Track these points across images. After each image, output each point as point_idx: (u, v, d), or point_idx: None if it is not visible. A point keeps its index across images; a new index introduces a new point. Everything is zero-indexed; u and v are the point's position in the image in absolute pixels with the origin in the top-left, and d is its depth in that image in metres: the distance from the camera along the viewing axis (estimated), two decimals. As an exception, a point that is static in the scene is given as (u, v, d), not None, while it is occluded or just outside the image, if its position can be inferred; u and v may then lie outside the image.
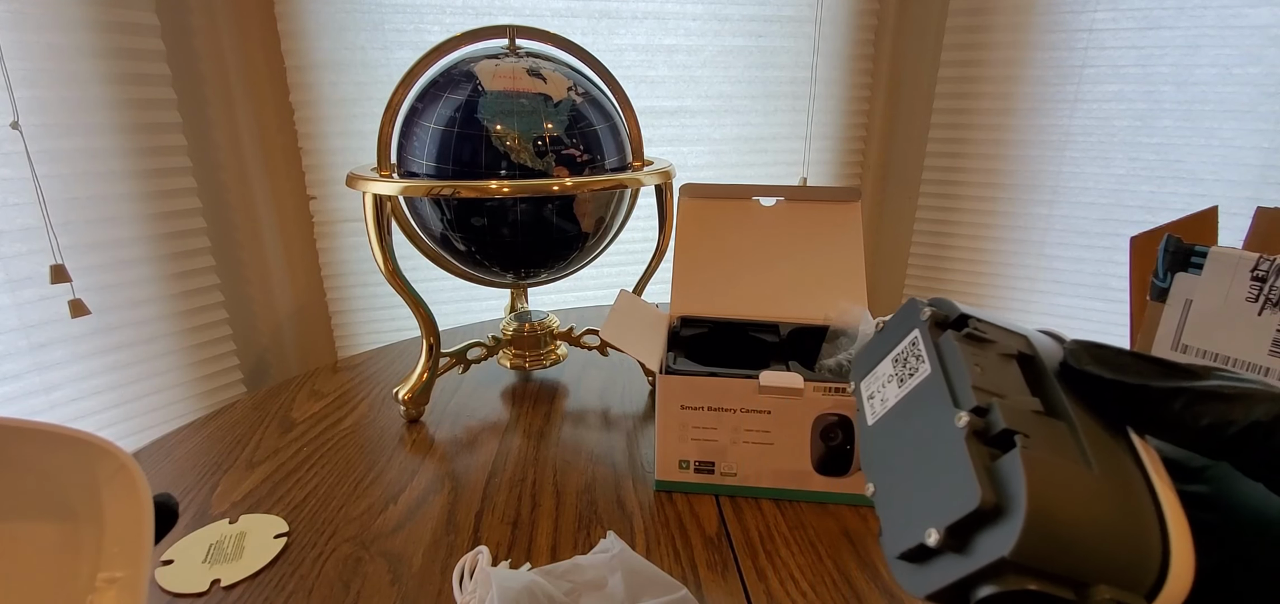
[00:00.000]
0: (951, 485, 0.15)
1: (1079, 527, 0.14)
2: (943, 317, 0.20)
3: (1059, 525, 0.14)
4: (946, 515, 0.15)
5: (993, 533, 0.14)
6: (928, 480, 0.17)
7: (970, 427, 0.16)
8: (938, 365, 0.18)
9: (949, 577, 0.15)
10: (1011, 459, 0.15)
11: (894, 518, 0.18)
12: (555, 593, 0.37)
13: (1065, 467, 0.15)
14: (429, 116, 0.54)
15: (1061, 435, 0.16)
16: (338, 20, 1.00)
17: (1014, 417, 0.16)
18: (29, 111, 0.76)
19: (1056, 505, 0.14)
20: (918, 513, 0.16)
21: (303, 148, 1.05)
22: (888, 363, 0.21)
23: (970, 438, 0.16)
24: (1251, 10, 1.01)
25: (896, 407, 0.20)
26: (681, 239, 0.59)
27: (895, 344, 0.21)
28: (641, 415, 0.62)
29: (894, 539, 0.17)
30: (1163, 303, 0.37)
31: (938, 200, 1.33)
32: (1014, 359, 0.18)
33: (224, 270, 1.03)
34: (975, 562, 0.14)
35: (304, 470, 0.53)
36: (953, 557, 0.15)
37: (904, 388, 0.20)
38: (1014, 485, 0.14)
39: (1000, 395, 0.17)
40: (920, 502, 0.17)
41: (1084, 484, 0.15)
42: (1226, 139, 1.07)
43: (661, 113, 1.18)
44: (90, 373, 0.88)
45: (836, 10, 1.22)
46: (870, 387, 0.22)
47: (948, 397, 0.17)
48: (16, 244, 0.80)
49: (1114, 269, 1.19)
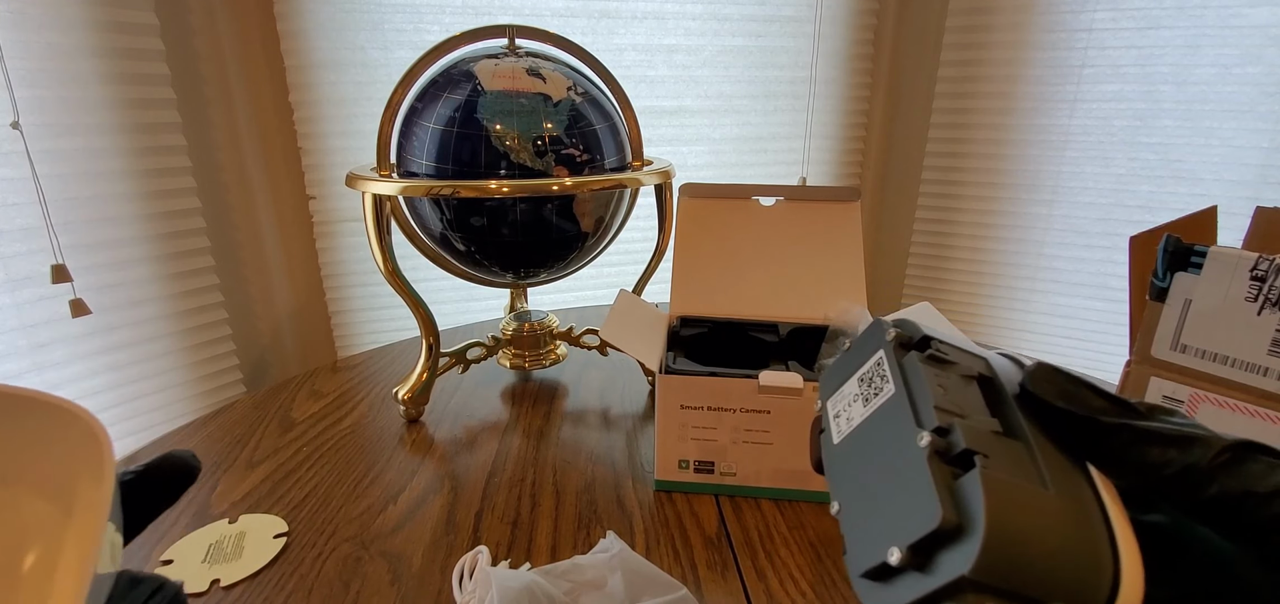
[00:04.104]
0: (913, 504, 0.16)
1: (1036, 546, 0.14)
2: (907, 337, 0.20)
3: (1016, 545, 0.14)
4: (908, 534, 0.15)
5: (953, 552, 0.15)
6: (891, 499, 0.17)
7: (932, 446, 0.16)
8: (902, 385, 0.18)
9: (911, 595, 0.15)
10: (971, 479, 0.15)
11: (858, 537, 0.18)
12: (555, 593, 0.37)
13: (1023, 487, 0.15)
14: (428, 116, 0.54)
15: (1019, 456, 0.16)
16: (338, 20, 1.00)
17: (974, 437, 0.16)
18: (29, 111, 0.76)
19: (1014, 525, 0.14)
20: (880, 532, 0.17)
21: (302, 148, 1.05)
22: (853, 382, 0.21)
23: (932, 457, 0.16)
24: (1251, 10, 1.01)
25: (861, 426, 0.20)
26: (681, 239, 0.59)
27: (861, 364, 0.21)
28: (641, 415, 0.62)
29: (858, 557, 0.17)
30: (1162, 302, 0.37)
31: (937, 200, 1.33)
32: (974, 381, 0.19)
33: (224, 270, 1.03)
34: (936, 580, 0.15)
35: (304, 470, 0.53)
36: (914, 575, 0.16)
37: (869, 407, 0.20)
38: (974, 505, 0.14)
39: (961, 416, 0.17)
40: (883, 520, 0.17)
41: (1040, 504, 0.15)
42: (1226, 139, 1.07)
43: (661, 113, 1.18)
44: (90, 373, 0.88)
45: (836, 10, 1.22)
46: (836, 405, 0.22)
47: (911, 416, 0.17)
48: (16, 244, 0.80)
49: (1114, 269, 1.19)
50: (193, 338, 0.97)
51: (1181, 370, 0.37)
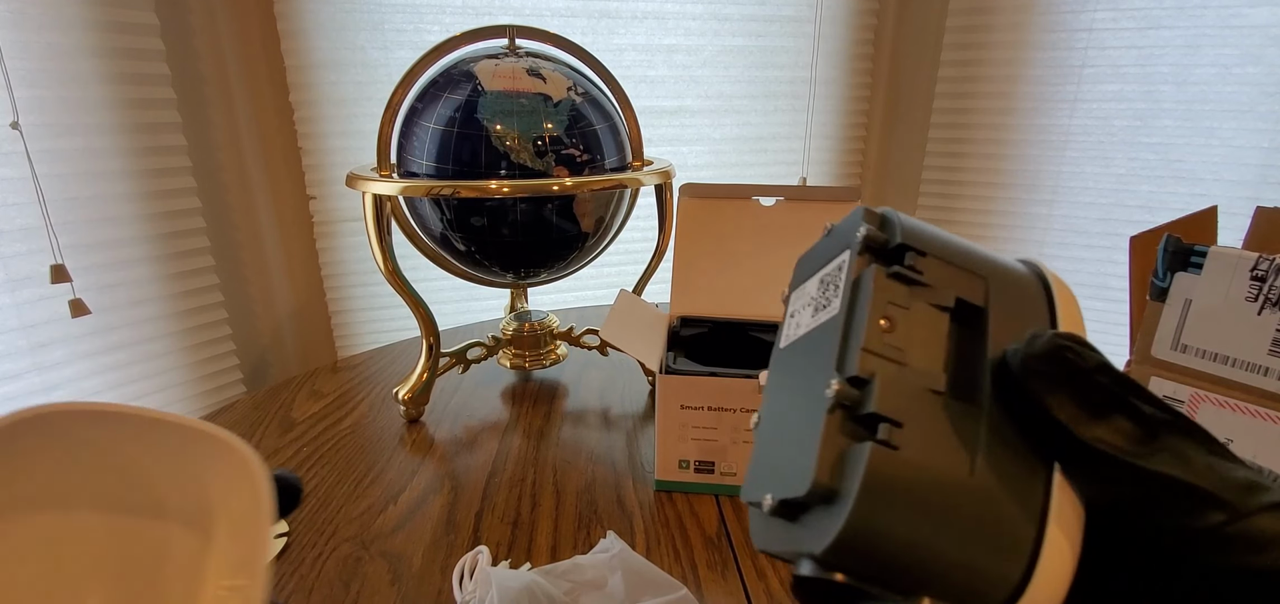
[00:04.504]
0: (798, 458, 0.14)
1: (913, 543, 0.13)
2: (879, 241, 0.16)
3: (886, 538, 0.13)
4: (782, 488, 0.15)
5: (821, 517, 0.13)
6: (788, 440, 0.16)
7: (838, 397, 0.14)
8: (845, 306, 0.16)
9: (780, 544, 0.15)
10: (859, 452, 0.13)
11: (755, 464, 0.17)
12: (555, 593, 0.37)
13: (921, 473, 0.13)
14: (429, 116, 0.54)
15: (955, 425, 0.13)
16: (338, 20, 1.00)
17: (897, 395, 0.13)
18: (28, 111, 0.76)
19: (890, 516, 0.13)
20: (769, 470, 0.16)
21: (303, 148, 1.05)
22: (815, 282, 0.18)
23: (834, 411, 0.14)
24: (1251, 10, 1.01)
25: (803, 339, 0.17)
26: (681, 239, 0.59)
27: (828, 260, 0.18)
28: (641, 415, 0.62)
29: (749, 486, 0.17)
30: (1162, 302, 0.37)
31: (938, 200, 1.33)
32: (948, 313, 0.15)
33: (224, 270, 1.03)
34: (798, 540, 0.14)
35: (304, 470, 0.53)
36: (785, 523, 0.15)
37: (815, 319, 0.17)
38: (851, 481, 0.13)
39: (898, 362, 0.14)
40: (776, 458, 0.16)
41: (938, 495, 0.13)
42: (1226, 139, 1.07)
43: (661, 113, 1.18)
44: (90, 373, 0.88)
45: (836, 10, 1.22)
46: (795, 302, 0.19)
47: (830, 356, 0.15)
48: (16, 244, 0.80)
49: (1114, 269, 1.19)
50: (193, 338, 0.97)
51: (1182, 370, 0.37)
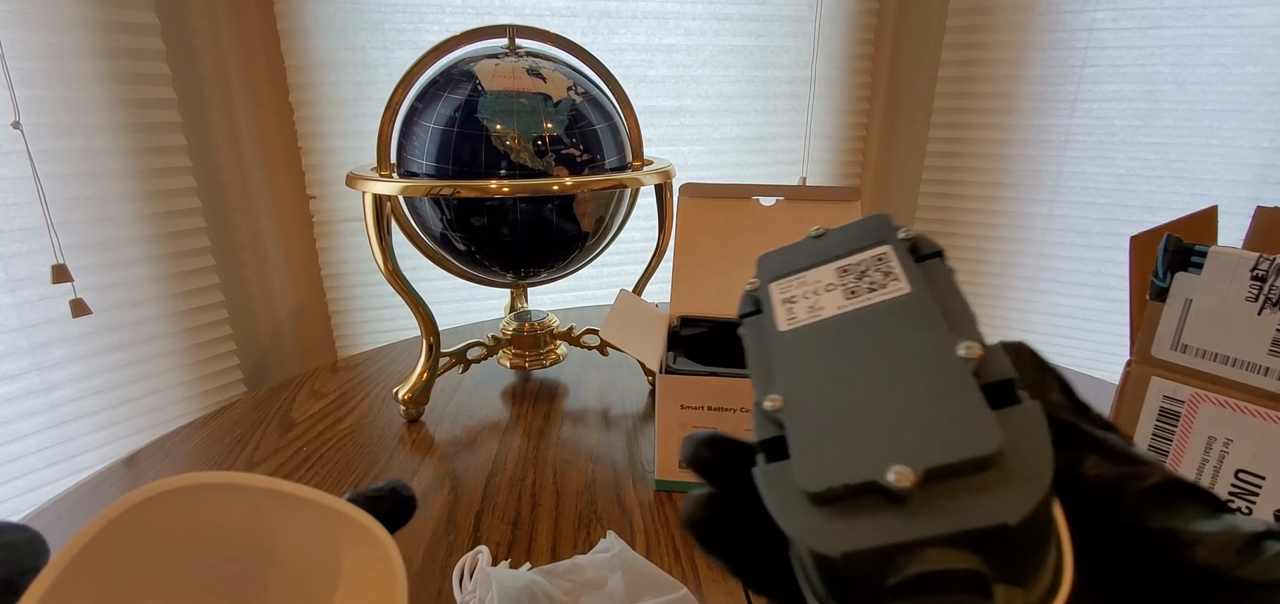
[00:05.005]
0: (944, 423, 0.12)
1: (1043, 520, 0.12)
2: (923, 248, 0.17)
3: (1044, 512, 0.12)
4: (932, 456, 0.12)
5: (981, 493, 0.11)
6: (897, 411, 0.13)
7: (976, 361, 0.13)
8: (922, 287, 0.15)
9: (892, 536, 0.11)
10: (1030, 412, 0.12)
11: (820, 445, 0.13)
12: (555, 593, 0.37)
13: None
14: (429, 116, 0.54)
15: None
16: (338, 20, 1.00)
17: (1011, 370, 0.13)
18: (29, 111, 0.76)
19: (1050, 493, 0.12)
20: (872, 446, 0.13)
21: (303, 147, 1.05)
22: (828, 270, 0.17)
23: (976, 374, 0.13)
24: (1251, 10, 1.01)
25: (840, 318, 0.16)
26: (681, 239, 0.59)
27: (843, 255, 0.18)
28: (641, 415, 0.62)
29: (814, 471, 0.13)
30: (1162, 302, 0.37)
31: (938, 200, 1.33)
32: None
33: (224, 270, 1.03)
34: (949, 521, 0.11)
35: (304, 470, 0.53)
36: (897, 513, 0.12)
37: (857, 301, 0.16)
38: (1026, 442, 0.12)
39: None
40: (879, 434, 0.13)
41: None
42: (1226, 139, 1.07)
43: (661, 112, 1.18)
44: (90, 373, 0.88)
45: (836, 10, 1.22)
46: (789, 290, 0.18)
47: (942, 322, 0.14)
48: (16, 244, 0.80)
49: (1114, 269, 1.19)
50: (193, 338, 0.97)
51: (1182, 370, 0.37)
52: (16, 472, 0.83)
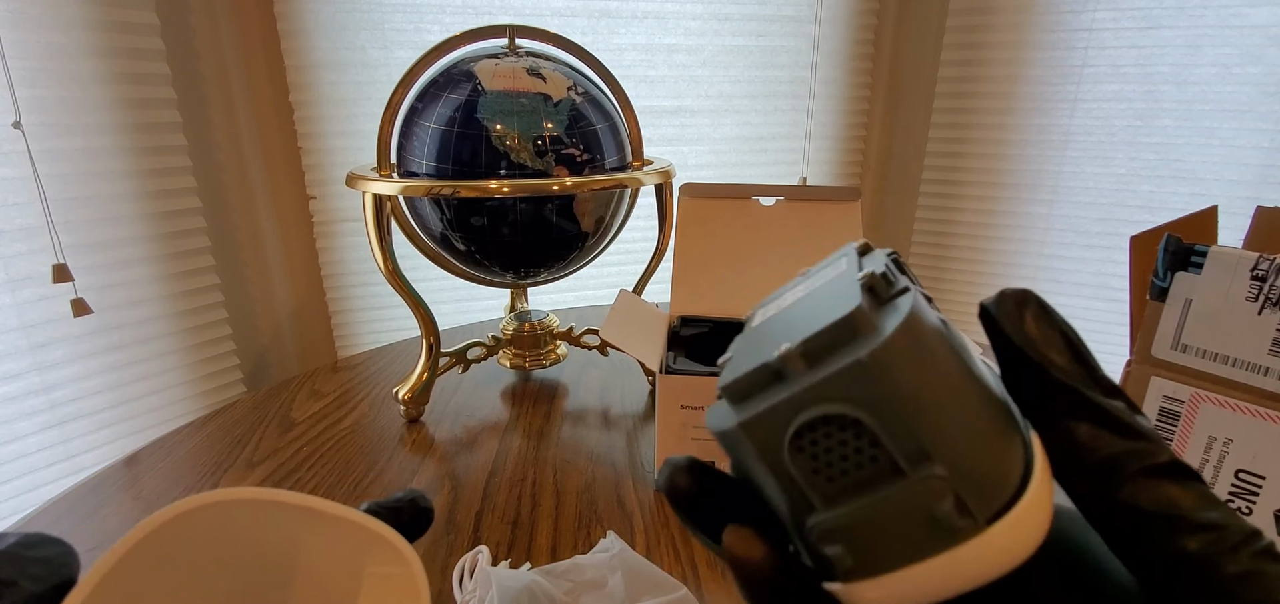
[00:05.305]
0: (826, 314, 0.13)
1: (940, 393, 0.12)
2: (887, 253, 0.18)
3: (922, 368, 0.12)
4: (809, 330, 0.13)
5: (847, 350, 0.12)
6: (796, 322, 0.14)
7: (869, 280, 0.14)
8: (854, 262, 0.16)
9: (775, 398, 0.13)
10: (903, 298, 0.13)
11: (738, 360, 0.15)
12: (555, 593, 0.37)
13: (942, 342, 0.13)
14: (429, 116, 0.54)
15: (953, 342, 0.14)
16: (338, 20, 1.00)
17: (917, 296, 0.14)
18: (29, 111, 0.76)
19: (926, 352, 0.12)
20: (770, 346, 0.14)
21: (303, 147, 1.05)
22: (798, 282, 0.19)
23: (867, 287, 0.14)
24: (1251, 10, 1.01)
25: (794, 299, 0.17)
26: (681, 239, 0.59)
27: (813, 273, 0.19)
28: (641, 415, 0.62)
29: (727, 376, 0.14)
30: (1162, 302, 0.37)
31: (938, 200, 1.33)
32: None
33: (224, 270, 1.03)
34: (813, 376, 0.12)
35: (304, 470, 0.53)
36: (784, 385, 0.13)
37: (815, 282, 0.17)
38: (890, 317, 0.12)
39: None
40: (777, 339, 0.14)
41: (955, 370, 0.13)
42: (1226, 139, 1.07)
43: (661, 112, 1.18)
44: (90, 373, 0.88)
45: (836, 10, 1.22)
46: (768, 307, 0.19)
47: (856, 266, 0.15)
48: (17, 244, 0.80)
49: (1114, 269, 1.19)
50: (193, 338, 0.97)
51: (1182, 370, 0.37)
52: (16, 471, 0.83)
